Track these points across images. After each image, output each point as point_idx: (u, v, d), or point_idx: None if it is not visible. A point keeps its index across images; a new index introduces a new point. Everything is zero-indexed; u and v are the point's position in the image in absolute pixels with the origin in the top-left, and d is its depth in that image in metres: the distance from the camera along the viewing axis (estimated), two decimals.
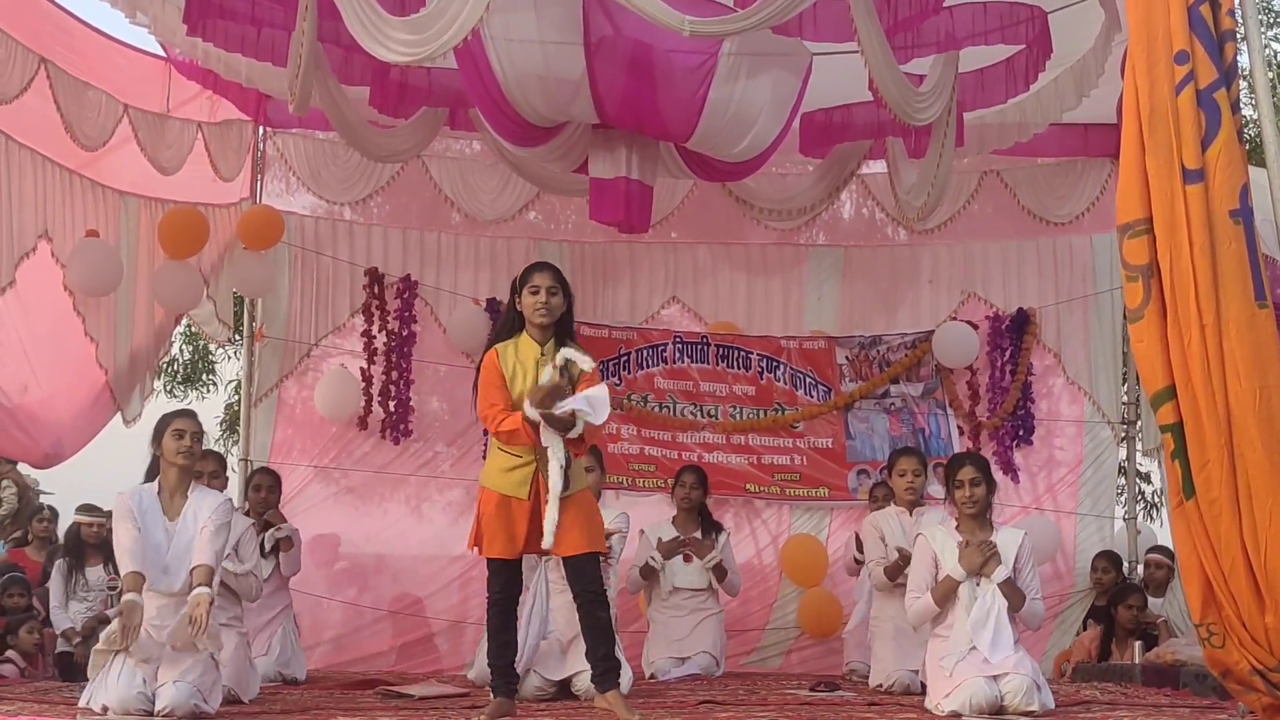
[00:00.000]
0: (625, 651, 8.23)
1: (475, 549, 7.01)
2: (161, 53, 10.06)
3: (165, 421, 6.99)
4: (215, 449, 10.68)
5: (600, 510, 7.33)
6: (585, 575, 6.87)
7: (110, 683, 6.55)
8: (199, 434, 6.93)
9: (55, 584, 9.74)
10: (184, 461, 6.88)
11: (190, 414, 7.07)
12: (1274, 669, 6.17)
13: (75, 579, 9.80)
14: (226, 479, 9.06)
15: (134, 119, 9.74)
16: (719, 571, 9.95)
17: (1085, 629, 10.76)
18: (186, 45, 9.44)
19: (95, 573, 9.82)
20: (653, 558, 9.80)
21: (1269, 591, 6.09)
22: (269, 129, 11.56)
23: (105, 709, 6.48)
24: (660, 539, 9.88)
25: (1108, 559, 11.06)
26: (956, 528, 7.43)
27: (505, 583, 6.92)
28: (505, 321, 7.06)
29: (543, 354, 6.85)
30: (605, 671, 6.86)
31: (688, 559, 9.90)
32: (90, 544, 9.90)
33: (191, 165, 10.34)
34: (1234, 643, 6.23)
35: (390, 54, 7.93)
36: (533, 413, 6.62)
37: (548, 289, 6.87)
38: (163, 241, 10.14)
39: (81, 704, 6.65)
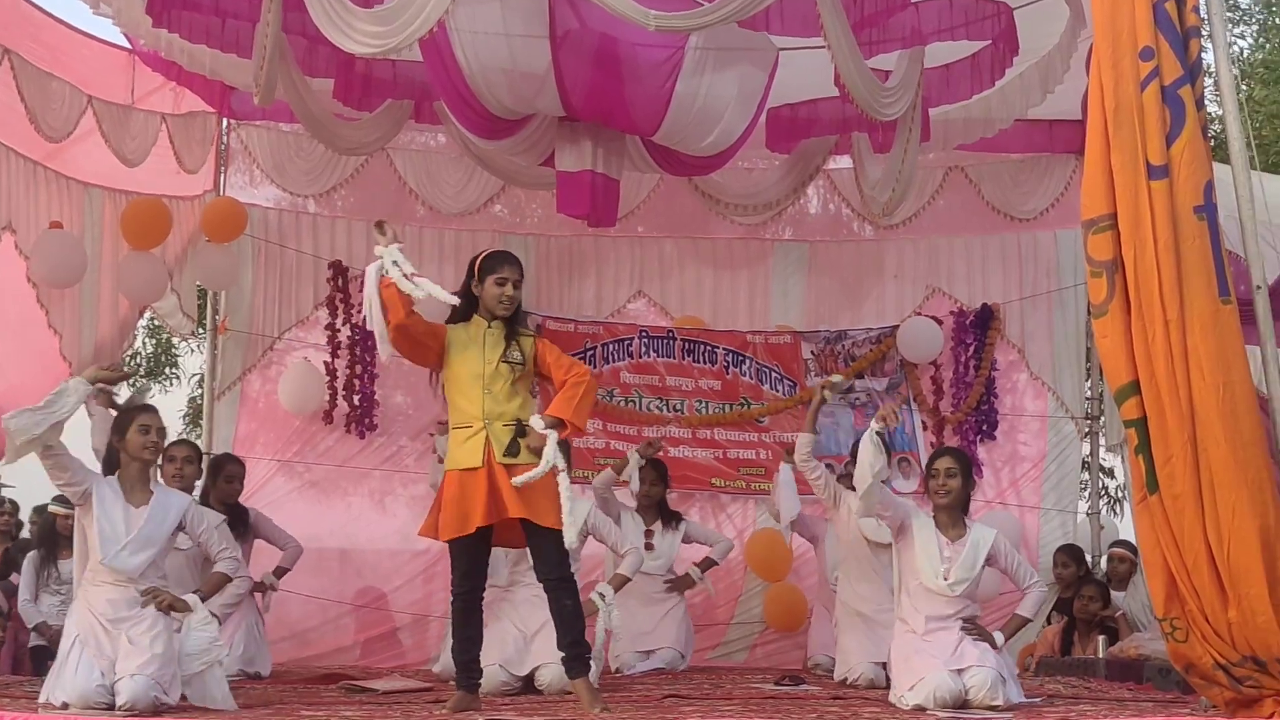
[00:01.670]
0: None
1: (432, 536, 6.98)
2: (125, 44, 10.00)
3: (129, 416, 6.99)
4: (188, 439, 10.64)
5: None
6: (551, 560, 6.83)
7: (68, 677, 6.52)
8: (163, 430, 6.97)
9: (27, 576, 9.66)
10: (149, 456, 6.91)
11: (153, 409, 7.09)
12: (1237, 663, 6.20)
13: (48, 571, 9.72)
14: (200, 468, 9.03)
15: (98, 110, 9.68)
16: (707, 564, 10.27)
17: (1050, 623, 10.81)
18: (150, 36, 9.38)
19: (68, 565, 9.71)
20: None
21: (1232, 586, 6.12)
22: (233, 121, 11.49)
23: (65, 705, 6.44)
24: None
25: (1068, 553, 11.09)
26: (934, 519, 7.49)
27: (466, 572, 6.88)
28: (461, 304, 7.03)
29: (489, 328, 6.88)
30: (575, 658, 6.82)
31: (650, 547, 9.92)
32: (64, 536, 9.79)
33: (155, 157, 10.29)
34: (1197, 637, 6.26)
35: (355, 46, 7.90)
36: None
37: (514, 283, 6.90)
38: (126, 232, 10.09)
39: (41, 700, 6.61)
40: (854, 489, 9.12)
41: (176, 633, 6.78)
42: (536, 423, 6.74)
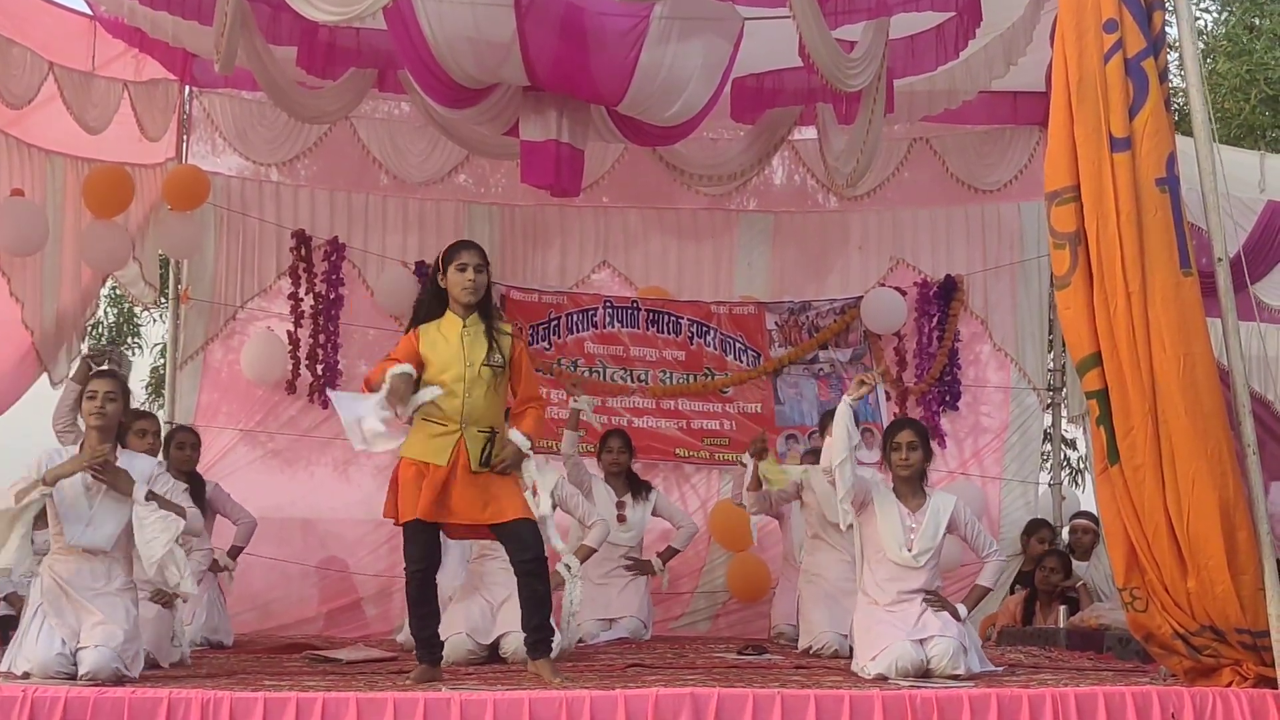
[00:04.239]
0: (554, 615, 8.23)
1: (392, 518, 6.98)
2: (87, 10, 9.92)
3: (84, 387, 6.96)
4: (146, 409, 10.58)
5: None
6: (525, 543, 6.84)
7: (29, 646, 6.50)
8: (111, 394, 6.85)
9: None
10: (97, 422, 6.83)
11: (106, 375, 7.03)
12: (1195, 633, 6.26)
13: None
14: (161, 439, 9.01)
15: (59, 77, 9.60)
16: (670, 553, 10.26)
17: (1013, 593, 10.86)
18: (112, 3, 9.34)
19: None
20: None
21: (1191, 556, 6.18)
22: (196, 89, 11.42)
23: (27, 674, 6.43)
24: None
25: (1051, 529, 11.14)
26: (894, 491, 7.51)
27: (422, 551, 6.86)
28: (427, 300, 7.00)
29: (465, 326, 6.83)
30: (537, 641, 6.85)
31: (621, 519, 9.92)
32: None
33: (117, 125, 10.21)
34: (1156, 607, 6.32)
35: (318, 13, 7.86)
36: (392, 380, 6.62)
37: (475, 266, 6.87)
38: (87, 200, 10.02)
39: (3, 668, 6.59)
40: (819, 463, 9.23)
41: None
42: (520, 440, 6.84)
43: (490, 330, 6.88)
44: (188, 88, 11.32)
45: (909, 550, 7.32)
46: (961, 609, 7.37)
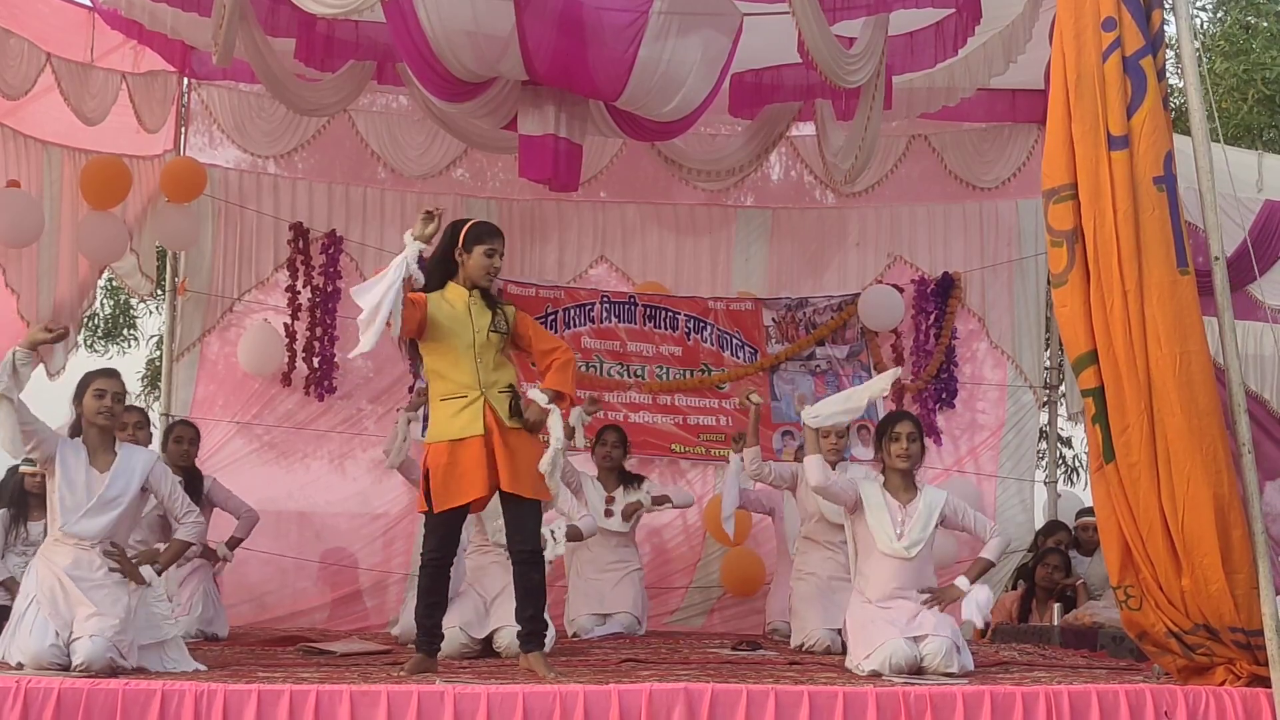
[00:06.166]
0: (549, 609, 8.25)
1: (424, 511, 6.96)
2: (86, 1, 9.92)
3: (86, 380, 6.95)
4: (137, 404, 10.56)
5: None
6: (525, 531, 6.86)
7: (22, 637, 6.49)
8: (120, 394, 6.90)
9: None
10: (104, 421, 6.85)
11: (112, 373, 7.04)
12: (1189, 631, 6.27)
13: (16, 531, 9.61)
14: (150, 433, 8.99)
15: (57, 68, 9.59)
16: (661, 500, 10.14)
17: (1017, 589, 10.86)
18: None
19: (38, 526, 9.59)
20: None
21: (1186, 555, 6.19)
22: (194, 81, 11.40)
23: (20, 665, 6.42)
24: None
25: (1068, 531, 11.10)
26: (884, 485, 7.49)
27: (441, 541, 6.89)
28: (438, 269, 7.00)
29: (470, 295, 6.89)
30: (531, 633, 6.86)
31: (609, 514, 9.91)
32: (34, 494, 9.65)
33: (115, 116, 10.21)
34: (1151, 605, 6.33)
35: (317, 6, 7.86)
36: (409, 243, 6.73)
37: (500, 254, 6.97)
38: (85, 191, 10.02)
39: None
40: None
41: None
42: (539, 395, 6.81)
43: (491, 301, 6.96)
44: (186, 80, 11.31)
45: (899, 541, 7.31)
46: (963, 581, 7.36)
